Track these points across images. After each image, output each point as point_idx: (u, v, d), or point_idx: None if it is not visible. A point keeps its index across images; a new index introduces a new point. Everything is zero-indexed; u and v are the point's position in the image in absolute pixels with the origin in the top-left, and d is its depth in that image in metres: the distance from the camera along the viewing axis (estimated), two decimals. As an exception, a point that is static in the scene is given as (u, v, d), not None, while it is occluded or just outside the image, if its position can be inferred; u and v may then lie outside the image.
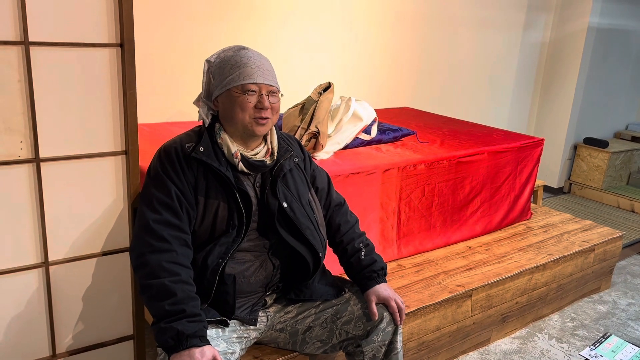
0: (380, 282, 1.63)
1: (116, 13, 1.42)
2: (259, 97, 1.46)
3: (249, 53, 1.49)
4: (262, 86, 1.46)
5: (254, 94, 1.45)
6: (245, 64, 1.46)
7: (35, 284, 1.49)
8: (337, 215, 1.75)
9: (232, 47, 1.53)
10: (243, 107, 1.45)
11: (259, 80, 1.45)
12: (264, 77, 1.46)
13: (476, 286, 2.24)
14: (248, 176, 1.53)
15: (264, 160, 1.53)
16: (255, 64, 1.47)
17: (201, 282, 1.45)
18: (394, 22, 3.56)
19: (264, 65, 1.49)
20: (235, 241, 1.47)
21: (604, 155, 4.44)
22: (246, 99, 1.44)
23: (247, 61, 1.46)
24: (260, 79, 1.45)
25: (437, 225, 2.56)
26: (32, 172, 1.41)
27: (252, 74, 1.45)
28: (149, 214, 1.42)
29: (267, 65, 1.50)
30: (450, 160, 2.50)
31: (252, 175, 1.53)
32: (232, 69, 1.46)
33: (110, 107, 1.48)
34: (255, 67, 1.46)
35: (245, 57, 1.47)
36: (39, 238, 1.46)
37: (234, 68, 1.46)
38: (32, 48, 1.33)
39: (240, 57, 1.47)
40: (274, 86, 1.49)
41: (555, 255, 2.57)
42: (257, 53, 1.51)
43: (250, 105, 1.45)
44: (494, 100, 4.37)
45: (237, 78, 1.45)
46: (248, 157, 1.50)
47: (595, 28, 4.29)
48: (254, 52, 1.51)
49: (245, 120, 1.46)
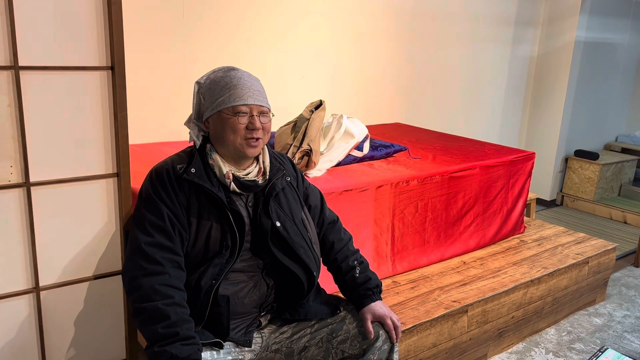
0: (375, 300, 1.62)
1: (106, 36, 1.42)
2: (250, 118, 1.46)
3: (239, 74, 1.49)
4: (252, 107, 1.46)
5: (245, 115, 1.45)
6: (236, 85, 1.46)
7: (26, 309, 1.47)
8: (330, 233, 1.74)
9: (222, 68, 1.53)
10: (234, 128, 1.45)
11: (250, 102, 1.45)
12: (254, 98, 1.46)
13: (472, 301, 2.23)
14: (240, 196, 1.52)
15: (256, 180, 1.53)
16: (246, 84, 1.47)
17: (195, 303, 1.43)
18: (384, 38, 3.60)
19: (255, 85, 1.49)
20: (229, 262, 1.46)
21: (595, 167, 4.48)
22: (237, 120, 1.44)
23: (237, 82, 1.46)
24: (251, 100, 1.46)
25: (431, 240, 2.56)
26: (22, 196, 1.40)
27: (243, 95, 1.45)
28: (141, 237, 1.41)
29: (257, 86, 1.50)
30: (442, 175, 2.50)
31: (244, 195, 1.53)
32: (222, 90, 1.46)
33: (101, 129, 1.47)
34: (245, 88, 1.46)
35: (235, 78, 1.47)
36: (30, 263, 1.45)
37: (224, 89, 1.46)
38: (22, 73, 1.33)
39: (230, 78, 1.47)
40: (264, 106, 1.49)
41: (549, 268, 2.57)
42: (248, 73, 1.51)
43: (242, 127, 1.45)
44: (485, 114, 4.40)
45: (228, 100, 1.45)
46: (240, 178, 1.50)
47: (583, 42, 4.35)
48: (244, 72, 1.51)
49: (237, 142, 1.46)
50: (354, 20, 3.42)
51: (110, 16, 1.41)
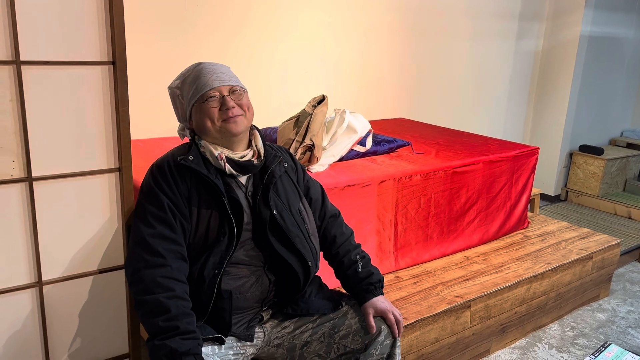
0: (377, 295, 1.62)
1: (108, 31, 1.42)
2: (221, 99, 1.48)
3: (201, 65, 1.53)
4: (220, 88, 1.49)
5: (215, 98, 1.48)
6: (198, 75, 1.50)
7: (29, 304, 1.48)
8: (332, 227, 1.74)
9: (188, 68, 1.56)
10: (209, 114, 1.48)
11: (215, 84, 1.48)
12: (219, 80, 1.49)
13: (474, 297, 2.22)
14: (238, 183, 1.53)
15: (251, 161, 1.53)
16: (208, 71, 1.50)
17: (198, 296, 1.44)
18: (387, 33, 3.58)
19: (217, 69, 1.52)
20: (228, 249, 1.46)
21: (600, 163, 4.45)
22: (209, 105, 1.48)
23: (199, 73, 1.50)
24: (217, 82, 1.48)
25: (434, 236, 2.55)
26: (24, 191, 1.40)
27: (207, 82, 1.48)
28: (143, 229, 1.41)
29: (221, 69, 1.53)
30: (445, 170, 2.50)
31: (242, 184, 1.53)
32: (190, 85, 1.51)
33: (103, 124, 1.47)
34: (208, 74, 1.49)
35: (198, 70, 1.51)
36: (32, 257, 1.45)
37: (192, 84, 1.50)
38: (23, 67, 1.33)
39: (195, 72, 1.52)
40: (233, 85, 1.51)
41: (553, 264, 2.56)
42: (211, 62, 1.55)
43: (215, 110, 1.48)
44: (489, 109, 4.38)
45: (196, 90, 1.49)
46: (234, 158, 1.51)
47: (588, 36, 4.32)
48: (207, 62, 1.54)
49: (216, 126, 1.49)
50: (358, 15, 3.40)
51: (112, 10, 1.40)
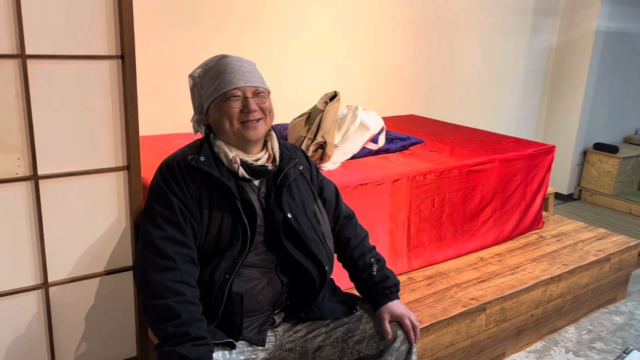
0: (393, 299, 1.57)
1: (116, 24, 1.37)
2: (244, 100, 1.42)
3: (227, 59, 1.46)
4: (245, 89, 1.42)
5: (238, 98, 1.41)
6: (224, 71, 1.43)
7: (35, 306, 1.43)
8: (346, 229, 1.69)
9: (213, 58, 1.50)
10: (229, 114, 1.41)
11: (240, 84, 1.41)
12: (245, 80, 1.42)
13: (490, 299, 2.17)
14: (251, 185, 1.47)
15: (265, 166, 1.48)
16: (234, 68, 1.43)
17: (208, 300, 1.39)
18: (398, 29, 3.52)
19: (244, 67, 1.45)
20: (241, 254, 1.41)
21: (615, 161, 4.37)
22: (230, 105, 1.41)
23: (225, 68, 1.43)
24: (242, 82, 1.41)
25: (447, 236, 2.49)
26: (30, 189, 1.36)
27: (232, 79, 1.41)
28: (152, 231, 1.37)
29: (247, 67, 1.45)
30: (460, 169, 2.43)
31: (255, 185, 1.48)
32: (213, 79, 1.44)
33: (111, 120, 1.43)
34: (234, 72, 1.42)
35: (223, 65, 1.44)
36: (38, 258, 1.41)
37: (215, 78, 1.43)
38: (29, 61, 1.28)
39: (219, 66, 1.45)
40: (258, 86, 1.44)
41: (570, 265, 2.50)
42: (238, 57, 1.47)
43: (236, 111, 1.41)
44: (501, 106, 4.31)
45: (219, 87, 1.42)
46: (248, 162, 1.45)
47: (604, 32, 4.23)
48: (234, 57, 1.47)
49: (235, 127, 1.42)
50: (368, 9, 3.34)
51: (121, 3, 1.35)
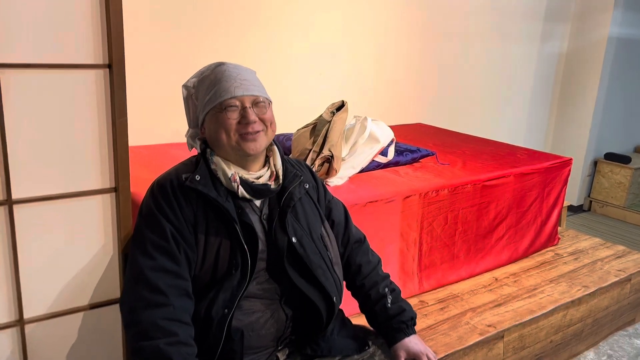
0: (409, 334, 1.44)
1: (103, 29, 1.22)
2: (242, 111, 1.27)
3: (223, 67, 1.32)
4: (243, 99, 1.28)
5: (236, 109, 1.27)
6: (220, 79, 1.29)
7: (9, 345, 1.28)
8: (357, 254, 1.54)
9: (209, 66, 1.36)
10: (226, 126, 1.27)
11: (238, 93, 1.27)
12: (243, 88, 1.28)
13: (508, 326, 2.02)
14: (252, 205, 1.32)
15: (267, 184, 1.33)
16: (231, 76, 1.29)
17: (205, 338, 1.25)
18: (406, 36, 3.39)
19: (242, 75, 1.30)
20: (241, 285, 1.27)
21: (627, 172, 4.23)
22: (226, 116, 1.27)
23: (221, 76, 1.29)
24: (239, 90, 1.27)
25: (460, 255, 2.34)
26: (3, 215, 1.20)
27: (229, 88, 1.27)
28: (141, 260, 1.23)
29: (245, 75, 1.31)
30: (475, 184, 2.29)
31: (256, 206, 1.33)
32: (208, 88, 1.30)
33: (97, 137, 1.27)
34: (231, 80, 1.28)
35: (220, 72, 1.30)
36: (12, 292, 1.25)
37: (210, 87, 1.30)
38: (1, 71, 1.13)
39: (215, 74, 1.31)
40: (257, 95, 1.29)
41: (590, 287, 2.35)
42: (235, 65, 1.33)
43: (233, 122, 1.27)
44: (510, 114, 4.17)
45: (214, 96, 1.28)
46: (249, 181, 1.30)
47: (616, 38, 4.10)
48: (231, 64, 1.33)
49: (232, 140, 1.28)
50: (374, 15, 3.21)
51: (108, 6, 1.20)
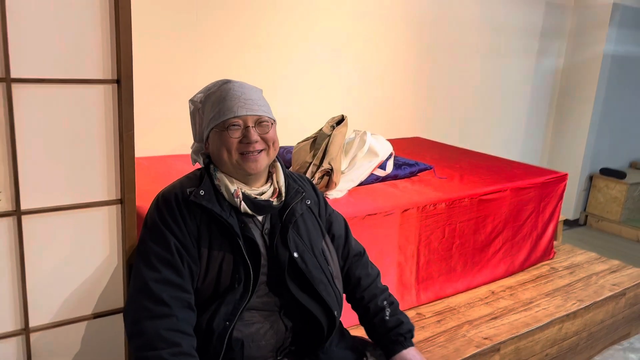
0: (407, 347, 1.46)
1: (112, 45, 1.26)
2: (245, 130, 1.31)
3: (229, 85, 1.35)
4: (246, 118, 1.31)
5: (238, 128, 1.30)
6: (225, 97, 1.32)
7: (14, 353, 1.30)
8: (357, 268, 1.57)
9: (216, 83, 1.39)
10: (228, 144, 1.30)
11: (241, 112, 1.30)
12: (246, 108, 1.31)
13: (504, 339, 2.05)
14: (254, 220, 1.35)
15: (270, 201, 1.36)
16: (236, 95, 1.32)
17: (207, 349, 1.28)
18: (402, 50, 3.45)
19: (246, 94, 1.33)
20: (243, 298, 1.29)
21: (622, 187, 4.28)
22: (229, 135, 1.30)
23: (226, 94, 1.32)
24: (243, 110, 1.30)
25: (457, 268, 2.38)
26: (12, 226, 1.24)
27: (232, 107, 1.30)
28: (145, 272, 1.25)
29: (250, 94, 1.34)
30: (472, 198, 2.32)
31: (258, 221, 1.36)
32: (213, 105, 1.33)
33: (104, 150, 1.31)
34: (235, 99, 1.31)
35: (225, 90, 1.33)
36: (19, 301, 1.28)
37: (215, 104, 1.33)
38: (14, 85, 1.16)
39: (221, 91, 1.34)
40: (260, 115, 1.32)
41: (585, 301, 2.38)
42: (241, 83, 1.36)
43: (235, 141, 1.30)
44: (507, 129, 4.23)
45: (218, 115, 1.31)
46: (251, 197, 1.33)
47: (611, 55, 4.17)
48: (237, 83, 1.36)
49: (233, 159, 1.31)
50: (373, 30, 3.28)
51: (118, 22, 1.24)
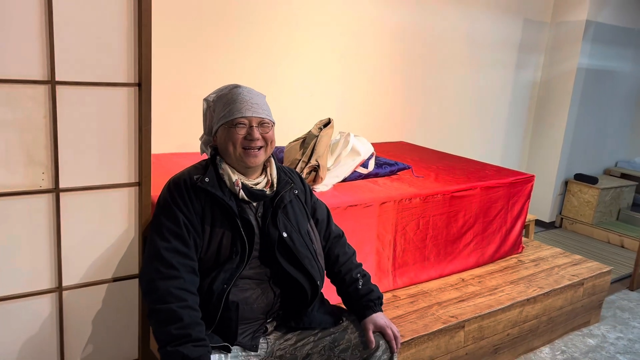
0: (377, 311, 1.70)
1: (135, 55, 1.53)
2: (249, 129, 1.58)
3: (239, 90, 1.63)
4: (251, 119, 1.58)
5: (244, 126, 1.58)
6: (235, 100, 1.59)
7: (49, 308, 1.56)
8: (335, 247, 1.83)
9: (227, 86, 1.67)
10: (234, 139, 1.58)
11: (247, 114, 1.58)
12: (252, 110, 1.59)
13: (469, 317, 2.31)
14: (250, 205, 1.62)
15: (264, 190, 1.63)
16: (244, 99, 1.60)
17: (207, 307, 1.52)
18: (390, 61, 3.70)
19: (253, 99, 1.61)
20: (239, 267, 1.55)
21: (594, 192, 4.56)
22: (236, 131, 1.57)
23: (236, 97, 1.60)
24: (249, 112, 1.58)
25: (431, 257, 2.64)
26: (51, 201, 1.50)
27: (241, 109, 1.58)
28: (159, 242, 1.50)
29: (256, 99, 1.62)
30: (444, 194, 2.60)
31: (253, 206, 1.63)
32: (224, 105, 1.60)
33: (126, 141, 1.58)
34: (244, 102, 1.59)
35: (235, 94, 1.61)
36: (55, 264, 1.54)
37: (226, 105, 1.60)
38: (58, 87, 1.44)
39: (232, 95, 1.61)
40: (263, 117, 1.60)
41: (545, 288, 2.65)
42: (249, 89, 1.64)
43: (240, 137, 1.58)
44: (487, 136, 4.50)
45: (228, 114, 1.58)
46: (249, 186, 1.61)
47: (585, 69, 4.46)
48: (245, 88, 1.64)
49: (237, 152, 1.58)
50: (362, 42, 3.51)
51: (140, 37, 1.52)
